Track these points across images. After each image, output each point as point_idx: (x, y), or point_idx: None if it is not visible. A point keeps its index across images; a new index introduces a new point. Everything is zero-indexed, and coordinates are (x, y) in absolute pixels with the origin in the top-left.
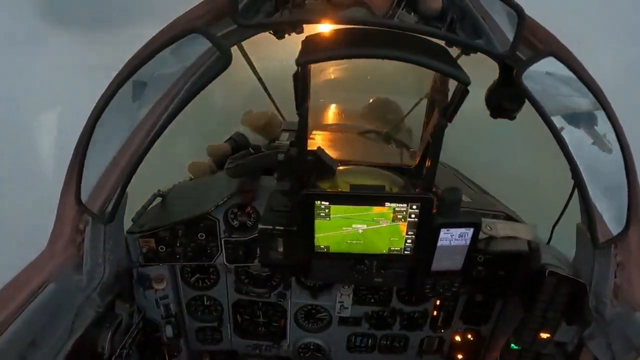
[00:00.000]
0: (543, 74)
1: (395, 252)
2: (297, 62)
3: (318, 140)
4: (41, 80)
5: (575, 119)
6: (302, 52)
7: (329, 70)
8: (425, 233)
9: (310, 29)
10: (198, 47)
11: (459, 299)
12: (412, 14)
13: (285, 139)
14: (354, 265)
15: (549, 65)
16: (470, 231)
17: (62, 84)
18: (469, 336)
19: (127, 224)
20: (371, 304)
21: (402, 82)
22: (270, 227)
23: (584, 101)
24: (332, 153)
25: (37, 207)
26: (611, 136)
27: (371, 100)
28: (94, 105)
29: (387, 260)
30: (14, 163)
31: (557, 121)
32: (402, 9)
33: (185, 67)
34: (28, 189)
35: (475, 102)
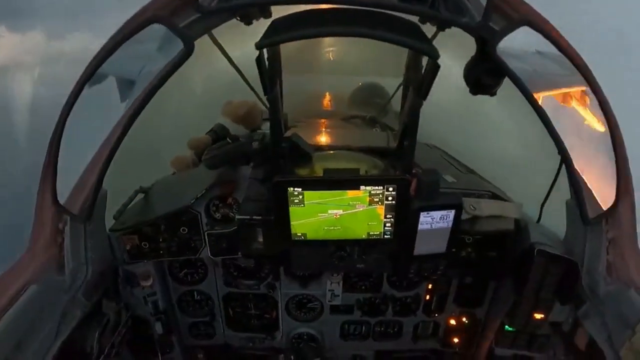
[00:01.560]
0: (520, 46)
1: (374, 237)
2: (256, 46)
3: (301, 128)
4: None
5: (557, 90)
6: (264, 35)
7: (320, 54)
8: (404, 216)
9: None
10: (164, 38)
11: (451, 282)
12: None
13: (267, 128)
14: (334, 252)
15: (526, 36)
16: (452, 213)
17: None
18: (464, 319)
19: (110, 222)
20: (362, 291)
21: (390, 63)
22: (248, 217)
23: (565, 72)
24: (314, 140)
25: None
26: (596, 107)
27: (359, 85)
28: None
29: (367, 245)
30: None
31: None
32: None
33: (154, 60)
34: None
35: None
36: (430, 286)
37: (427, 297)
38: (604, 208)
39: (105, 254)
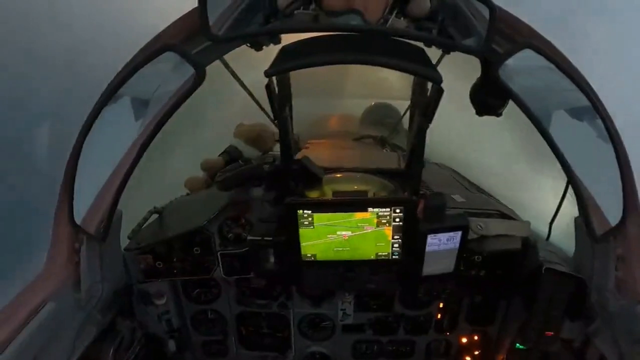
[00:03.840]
0: (523, 67)
1: (383, 258)
2: (265, 73)
3: (312, 149)
4: None
5: (561, 110)
6: (273, 63)
7: (327, 76)
8: (411, 237)
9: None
10: (176, 65)
11: (462, 301)
12: (402, 18)
13: (279, 149)
14: (344, 273)
15: (528, 58)
16: (459, 234)
17: None
18: (476, 337)
19: (125, 242)
20: (374, 310)
21: (401, 85)
22: (259, 238)
23: (568, 93)
24: (325, 161)
25: None
26: (599, 126)
27: (370, 105)
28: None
29: (376, 265)
30: None
31: (542, 114)
32: (394, 15)
33: (168, 86)
34: None
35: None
36: (441, 305)
37: (439, 315)
38: (612, 225)
39: (120, 272)
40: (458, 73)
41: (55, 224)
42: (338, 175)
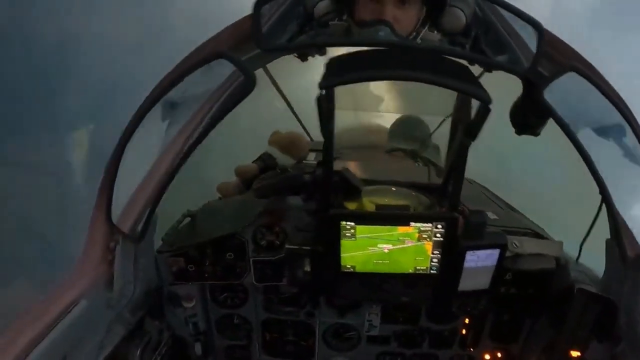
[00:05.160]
0: (566, 89)
1: (421, 272)
2: (320, 86)
3: (344, 158)
4: None
5: (600, 133)
6: (326, 75)
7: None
8: (451, 253)
9: (334, 50)
10: (223, 70)
11: (487, 317)
12: (435, 32)
13: (312, 158)
14: (380, 285)
15: (571, 80)
16: (497, 252)
17: None
18: (499, 355)
19: (157, 243)
20: (400, 323)
21: (430, 100)
22: (297, 247)
23: (608, 115)
24: (358, 172)
25: None
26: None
27: (398, 118)
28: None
29: (413, 279)
30: None
31: (582, 136)
32: (426, 28)
33: (211, 90)
34: None
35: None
36: (467, 320)
37: (464, 331)
38: None
39: (152, 274)
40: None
41: (92, 222)
42: (376, 188)
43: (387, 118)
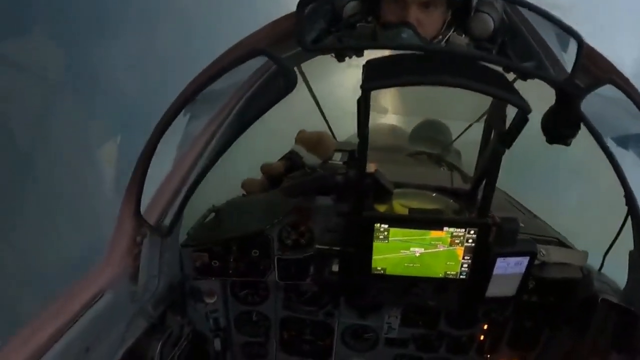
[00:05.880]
0: (601, 101)
1: (450, 277)
2: (363, 88)
3: (369, 160)
4: None
5: (632, 145)
6: (367, 78)
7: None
8: (481, 259)
9: (370, 52)
10: (251, 63)
11: (507, 324)
12: (463, 35)
13: (338, 158)
14: (409, 288)
15: (606, 92)
16: (526, 260)
17: None
18: None
19: (181, 237)
20: (419, 326)
21: (450, 105)
22: (327, 247)
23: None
24: (385, 174)
25: None
26: None
27: (421, 121)
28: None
29: (442, 283)
30: None
31: (614, 147)
32: (453, 31)
33: (240, 83)
34: None
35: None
36: (485, 327)
37: (482, 337)
38: None
39: (175, 268)
40: None
41: (120, 214)
42: (406, 191)
43: (391, 119)
